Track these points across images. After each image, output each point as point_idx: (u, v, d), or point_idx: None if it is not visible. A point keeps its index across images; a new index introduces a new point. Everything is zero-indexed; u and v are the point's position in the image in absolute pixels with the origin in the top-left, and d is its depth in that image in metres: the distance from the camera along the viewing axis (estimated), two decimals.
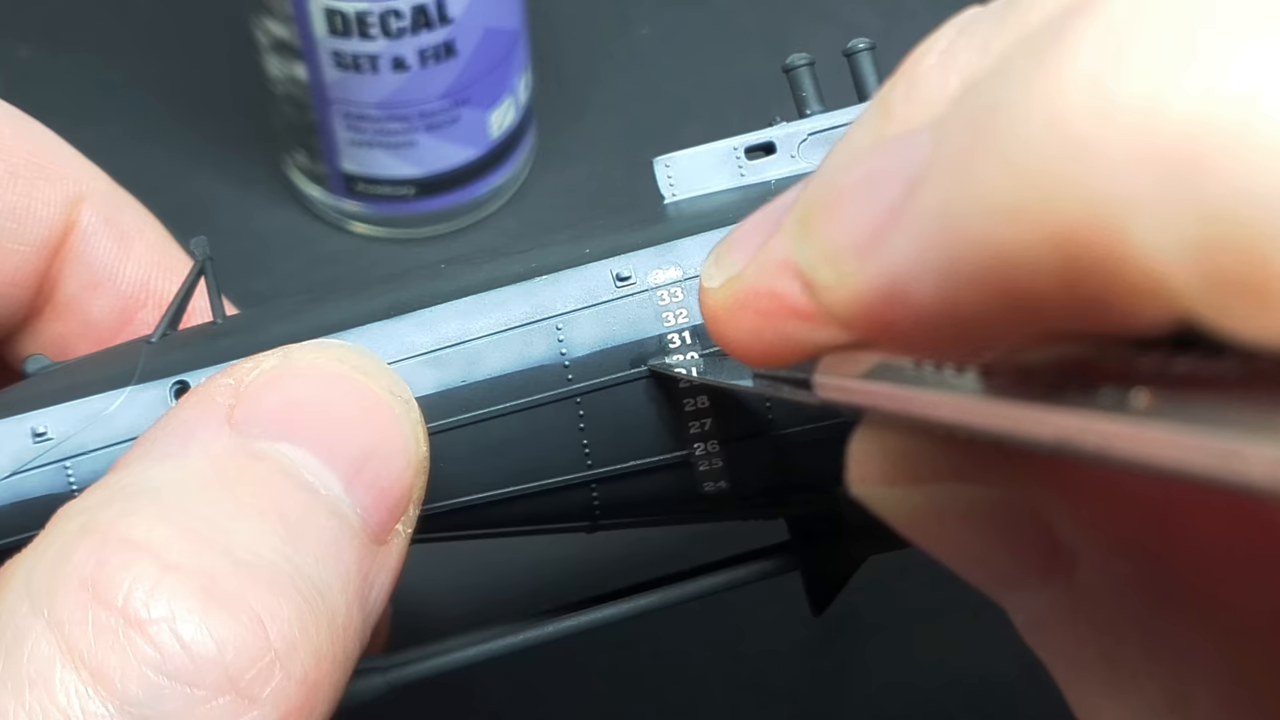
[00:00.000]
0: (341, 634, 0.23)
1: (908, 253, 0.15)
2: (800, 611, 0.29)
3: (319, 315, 0.27)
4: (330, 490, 0.24)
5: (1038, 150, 0.14)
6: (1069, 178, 0.13)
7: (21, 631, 0.21)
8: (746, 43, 0.59)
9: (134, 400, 0.26)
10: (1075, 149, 0.13)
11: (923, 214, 0.15)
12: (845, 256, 0.16)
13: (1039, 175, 0.14)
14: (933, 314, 0.15)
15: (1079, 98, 0.13)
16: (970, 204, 0.14)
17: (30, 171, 0.32)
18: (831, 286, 0.17)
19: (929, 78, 0.17)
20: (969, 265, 0.15)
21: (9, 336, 0.33)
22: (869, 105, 0.19)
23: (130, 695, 0.21)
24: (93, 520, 0.22)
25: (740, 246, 0.20)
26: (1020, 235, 0.14)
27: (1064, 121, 0.13)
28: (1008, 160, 0.14)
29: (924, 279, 0.15)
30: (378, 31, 0.48)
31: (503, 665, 0.28)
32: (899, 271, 0.16)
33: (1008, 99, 0.14)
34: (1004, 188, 0.14)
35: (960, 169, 0.15)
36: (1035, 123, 0.14)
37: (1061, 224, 0.13)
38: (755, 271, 0.19)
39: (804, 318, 0.18)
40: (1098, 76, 0.13)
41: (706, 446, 0.27)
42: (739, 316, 0.20)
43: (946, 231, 0.15)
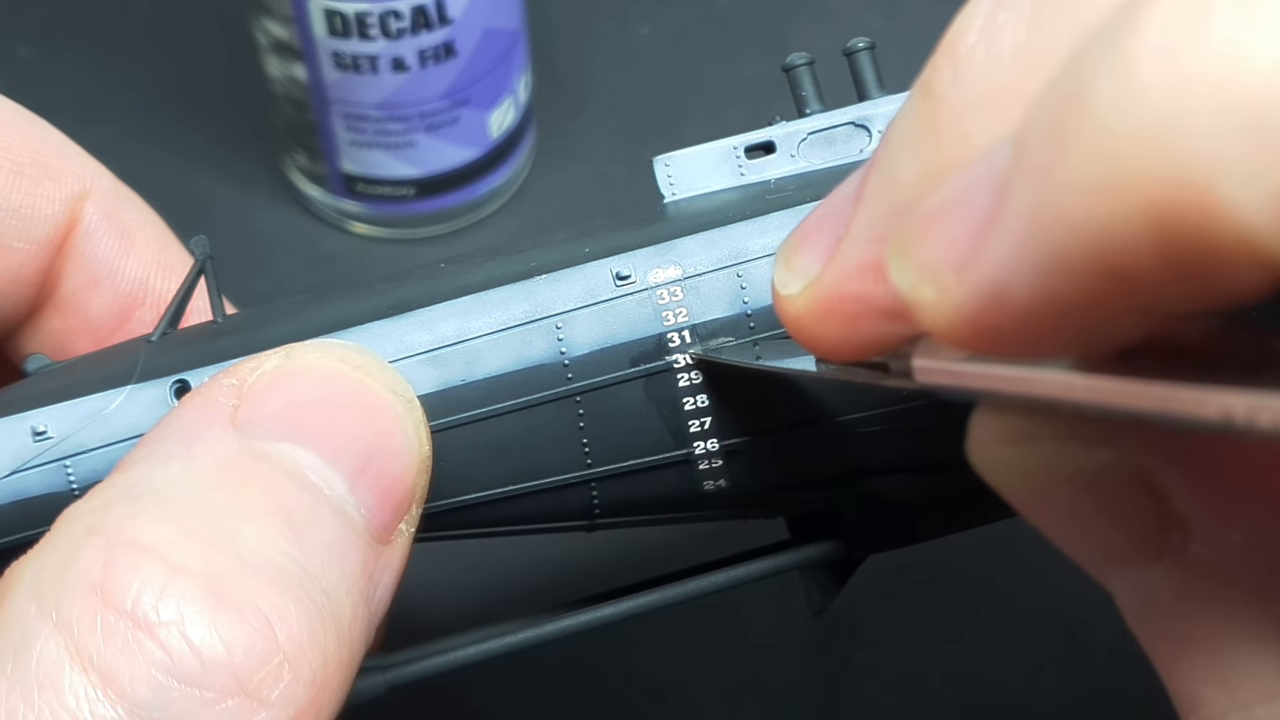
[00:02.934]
0: (348, 635, 0.23)
1: (1005, 256, 0.16)
2: (800, 611, 0.29)
3: (319, 315, 0.27)
4: (334, 490, 0.24)
5: (1122, 127, 0.14)
6: (1155, 148, 0.14)
7: (30, 634, 0.21)
8: (746, 43, 0.59)
9: (134, 399, 0.26)
10: (1159, 120, 0.14)
11: (1015, 214, 0.15)
12: (945, 273, 0.16)
13: (1125, 151, 0.14)
14: (1035, 312, 0.15)
15: (1157, 70, 0.14)
16: (1061, 191, 0.15)
17: (35, 169, 0.32)
18: (934, 303, 0.17)
19: (974, 56, 0.17)
20: (1066, 254, 0.15)
21: (11, 333, 0.33)
22: (914, 89, 0.18)
23: (139, 698, 0.21)
24: (99, 522, 0.22)
25: (808, 248, 0.20)
26: (1114, 212, 0.14)
27: (1145, 95, 0.14)
28: (1093, 142, 0.14)
29: (1024, 278, 0.15)
30: (377, 32, 0.48)
31: (502, 665, 0.28)
32: (998, 276, 0.16)
33: (1086, 84, 0.14)
34: (1092, 168, 0.14)
35: (1047, 160, 0.15)
36: (1116, 101, 0.14)
37: (1153, 194, 0.14)
38: (835, 276, 0.19)
39: (896, 317, 0.19)
40: (1173, 48, 0.13)
41: (706, 446, 0.27)
42: (825, 322, 0.20)
43: (1040, 224, 0.15)
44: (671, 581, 0.29)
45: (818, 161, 0.29)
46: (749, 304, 0.27)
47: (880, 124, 0.28)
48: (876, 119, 0.28)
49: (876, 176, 0.19)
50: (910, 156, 0.18)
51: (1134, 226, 0.14)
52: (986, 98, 0.17)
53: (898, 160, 0.18)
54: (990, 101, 0.17)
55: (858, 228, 0.19)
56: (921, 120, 0.18)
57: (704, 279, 0.27)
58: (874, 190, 0.19)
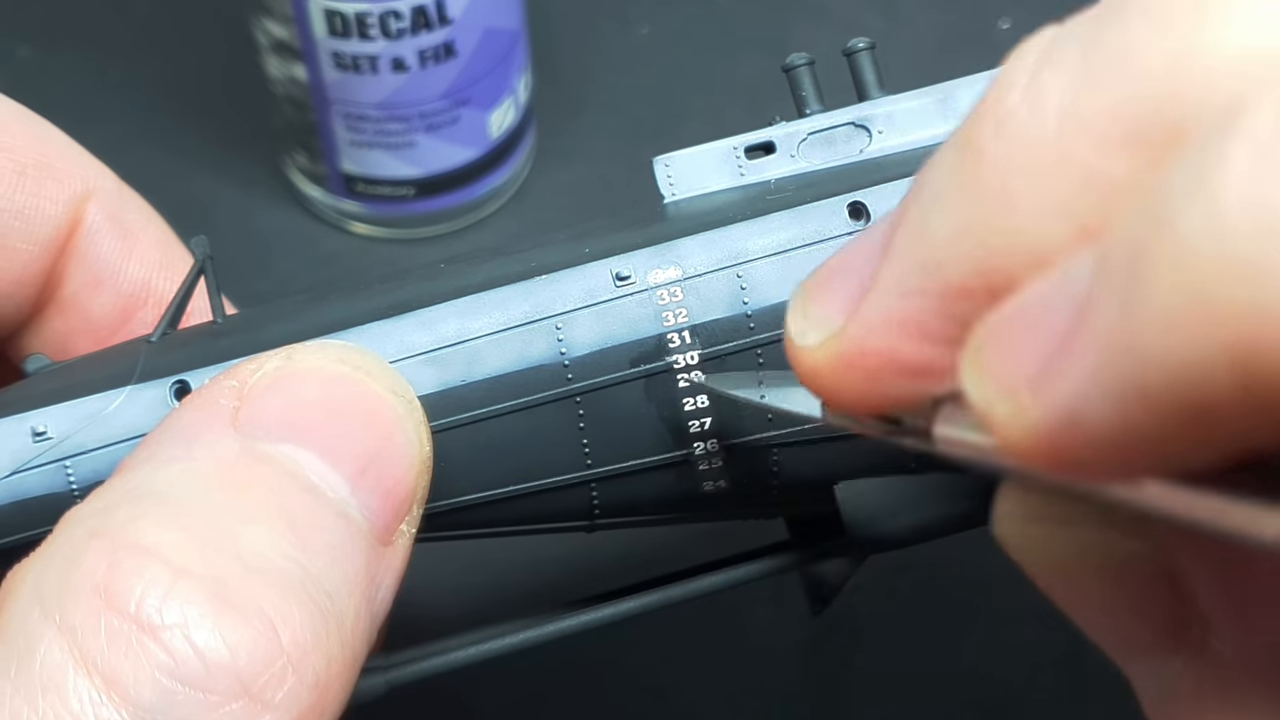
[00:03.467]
0: (350, 637, 0.23)
1: (1082, 381, 0.15)
2: (800, 611, 0.29)
3: (319, 315, 0.27)
4: (336, 492, 0.24)
5: (1206, 262, 0.14)
6: (1240, 284, 0.14)
7: (33, 637, 0.21)
8: (746, 43, 0.59)
9: (134, 399, 0.26)
10: (1243, 256, 0.13)
11: (1095, 340, 0.15)
12: (1021, 391, 0.16)
13: (1210, 286, 0.14)
14: (1112, 440, 0.15)
15: (1243, 206, 0.14)
16: (1143, 325, 0.14)
17: (38, 171, 0.32)
18: (1008, 420, 0.16)
19: (1018, 114, 0.17)
20: (1145, 386, 0.15)
21: (12, 334, 0.33)
22: (950, 144, 0.18)
23: (143, 701, 0.21)
24: (102, 525, 0.22)
25: (827, 297, 0.20)
26: (1195, 347, 0.14)
27: (1230, 229, 0.14)
28: (1177, 274, 0.14)
29: (1100, 406, 0.15)
30: (377, 32, 0.48)
31: (502, 665, 0.28)
32: (1074, 401, 0.15)
33: (1172, 214, 0.14)
34: (1175, 301, 0.14)
35: (1129, 291, 0.15)
36: (1201, 234, 0.14)
37: (1235, 330, 0.14)
38: (859, 330, 0.19)
39: (922, 376, 0.18)
40: (1257, 196, 0.13)
41: (706, 446, 0.27)
42: (845, 376, 0.19)
43: (1119, 354, 0.15)
44: (671, 581, 0.29)
45: (818, 161, 0.29)
46: (749, 304, 0.27)
47: (880, 124, 0.28)
48: (876, 119, 0.28)
49: (909, 229, 0.18)
50: (947, 212, 0.17)
51: (1215, 363, 0.14)
52: (1031, 159, 0.16)
53: (932, 214, 0.18)
54: (1035, 163, 0.16)
55: (886, 281, 0.18)
56: (961, 176, 0.17)
57: (704, 279, 0.27)
58: (906, 244, 0.18)
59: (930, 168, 0.18)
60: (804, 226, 0.27)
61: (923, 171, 0.18)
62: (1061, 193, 0.16)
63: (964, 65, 0.29)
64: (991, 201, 0.17)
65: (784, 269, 0.27)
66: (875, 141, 0.28)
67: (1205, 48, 0.15)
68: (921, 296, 0.18)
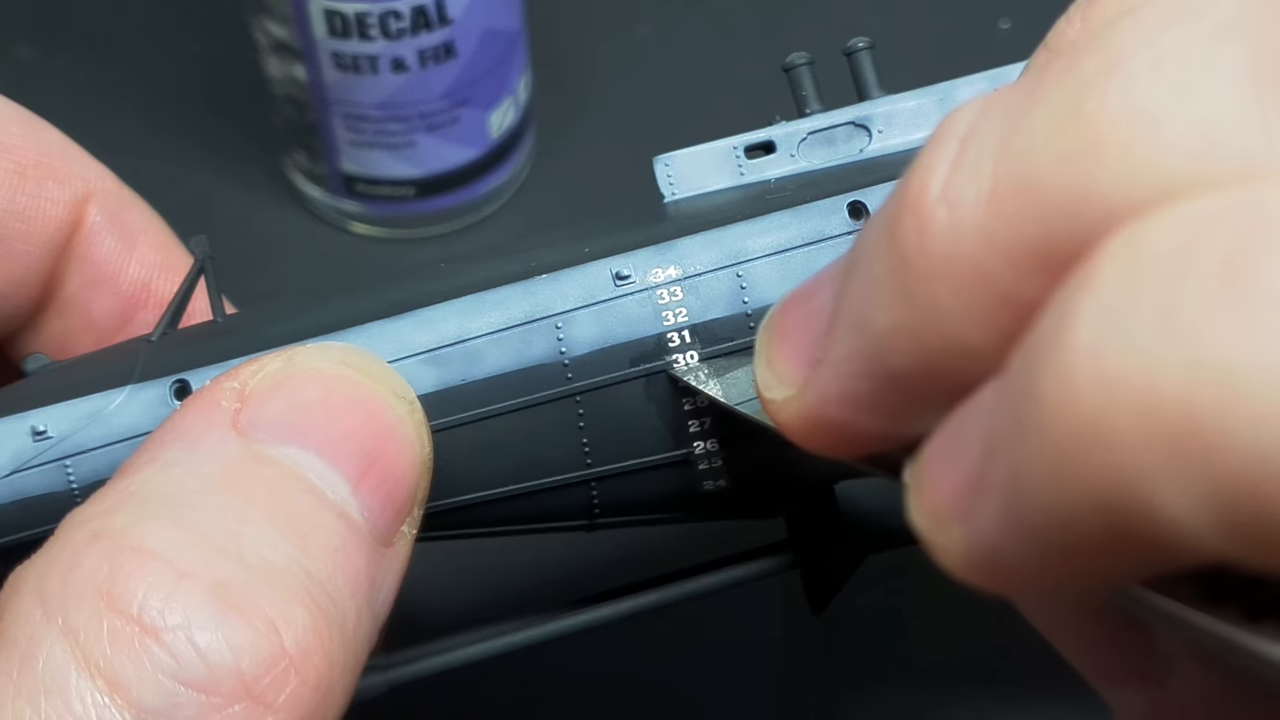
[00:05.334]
0: (352, 638, 0.23)
1: (993, 518, 0.16)
2: (800, 611, 0.29)
3: (319, 315, 0.27)
4: (337, 493, 0.24)
5: (1061, 428, 0.15)
6: (1092, 452, 0.14)
7: (35, 639, 0.21)
8: (746, 43, 0.59)
9: (134, 399, 0.26)
10: (1091, 426, 0.14)
11: (996, 483, 0.16)
12: (951, 525, 0.17)
13: (1068, 451, 0.15)
14: (1029, 568, 0.16)
15: (1086, 376, 0.14)
16: (1024, 475, 0.15)
17: (38, 171, 0.32)
18: (945, 550, 0.17)
19: (936, 221, 0.17)
20: (1039, 528, 0.15)
21: (13, 334, 0.33)
22: (878, 226, 0.18)
23: (146, 703, 0.21)
24: (103, 527, 0.22)
25: (788, 352, 0.20)
26: (1068, 502, 0.15)
27: (1077, 399, 0.14)
28: (1042, 438, 0.15)
29: (1010, 541, 0.16)
30: (377, 32, 0.48)
31: (502, 665, 0.28)
32: (990, 536, 0.16)
33: (1032, 380, 0.15)
34: (1044, 462, 0.15)
35: (1011, 445, 0.16)
36: (1055, 403, 0.15)
37: (1097, 493, 0.14)
38: (814, 400, 0.20)
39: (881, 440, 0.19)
40: (1098, 353, 0.14)
41: (706, 445, 0.27)
42: (812, 435, 0.20)
43: (1014, 501, 0.16)
44: (671, 581, 0.29)
45: (818, 161, 0.29)
46: (749, 304, 0.27)
47: (880, 124, 0.28)
48: (876, 119, 0.28)
49: (849, 314, 0.19)
50: (881, 307, 0.18)
51: (1089, 515, 0.15)
52: (951, 272, 0.17)
53: (869, 306, 0.18)
54: (955, 276, 0.17)
55: (833, 358, 0.19)
56: (890, 275, 0.18)
57: (704, 279, 0.27)
58: (847, 327, 0.19)
59: (863, 247, 0.19)
60: (804, 226, 0.27)
61: (857, 244, 0.19)
62: (983, 307, 0.17)
63: (964, 65, 0.29)
64: (919, 307, 0.17)
65: (784, 269, 0.27)
66: (875, 141, 0.28)
67: (1099, 185, 0.16)
68: (867, 379, 0.19)
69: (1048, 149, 0.16)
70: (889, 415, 0.19)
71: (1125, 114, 0.16)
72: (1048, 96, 0.16)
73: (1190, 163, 0.15)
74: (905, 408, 0.19)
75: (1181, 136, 0.15)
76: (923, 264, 0.17)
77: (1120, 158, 0.15)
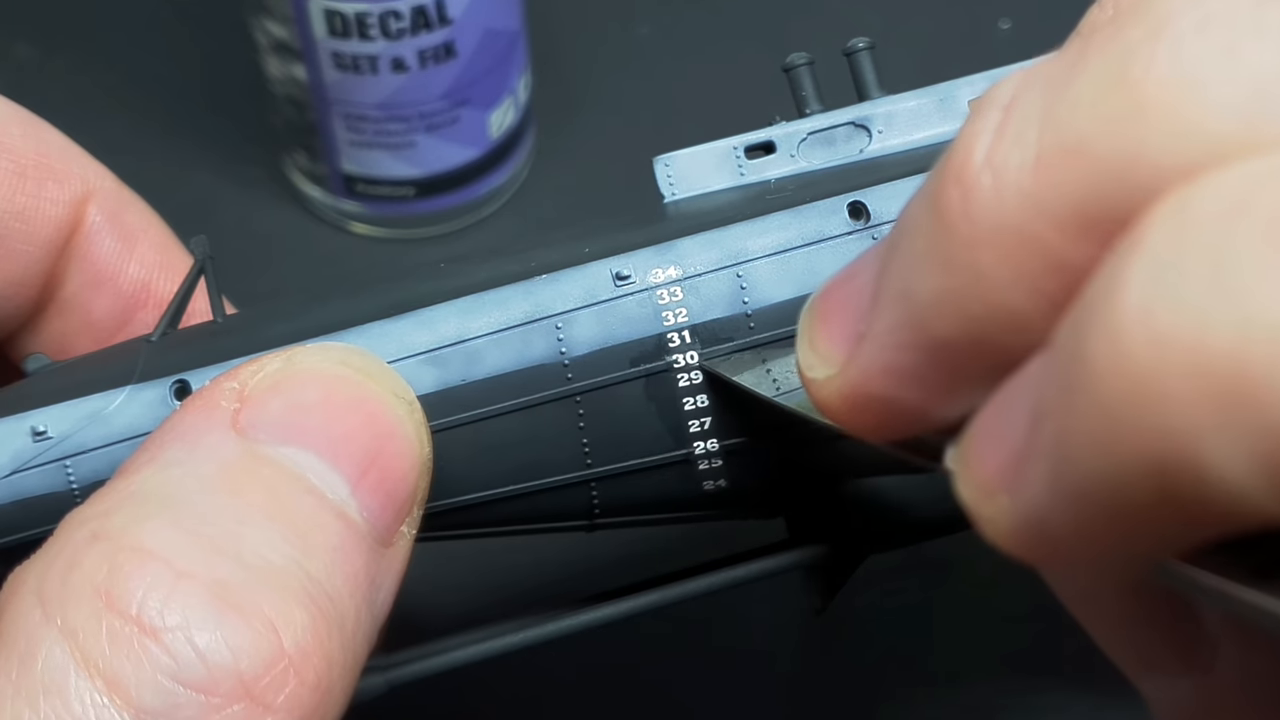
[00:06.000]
0: (351, 638, 0.23)
1: (1041, 487, 0.16)
2: (800, 611, 0.29)
3: (319, 315, 0.27)
4: (337, 494, 0.24)
5: (1112, 388, 0.15)
6: (1142, 412, 0.14)
7: (34, 640, 0.21)
8: (746, 43, 0.59)
9: (134, 399, 0.26)
10: (1142, 384, 0.14)
11: (1043, 451, 0.16)
12: (998, 495, 0.17)
13: (1119, 411, 0.15)
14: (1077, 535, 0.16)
15: (1136, 335, 0.14)
16: (1074, 439, 0.15)
17: (38, 171, 0.32)
18: (992, 521, 0.17)
19: (980, 187, 0.17)
20: (1089, 493, 0.15)
21: (12, 334, 0.33)
22: (921, 198, 0.18)
23: (145, 703, 0.21)
24: (102, 527, 0.22)
25: (830, 332, 0.20)
26: (1119, 464, 0.15)
27: (1128, 358, 0.14)
28: (1092, 399, 0.15)
29: (1059, 508, 0.16)
30: (377, 32, 0.48)
31: (502, 665, 0.28)
32: (1038, 503, 0.16)
33: (1082, 342, 0.15)
34: (1094, 424, 0.15)
35: (1062, 407, 0.16)
36: (1105, 363, 0.15)
37: (1147, 452, 0.14)
38: (858, 376, 0.20)
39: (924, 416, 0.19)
40: (1148, 313, 0.14)
41: (706, 445, 0.27)
42: (853, 413, 0.20)
43: (1063, 466, 0.16)
44: (671, 581, 0.29)
45: (818, 161, 0.29)
46: (749, 304, 0.27)
47: (880, 124, 0.28)
48: (876, 119, 0.28)
49: (893, 285, 0.19)
50: (925, 275, 0.18)
51: (1139, 478, 0.15)
52: (996, 237, 0.17)
53: (913, 275, 0.18)
54: (1000, 241, 0.17)
55: (877, 331, 0.19)
56: (934, 243, 0.18)
57: (704, 279, 0.27)
58: (890, 298, 0.19)
59: (907, 220, 0.19)
60: (804, 226, 0.27)
61: (900, 218, 0.19)
62: (1029, 272, 0.17)
63: (964, 65, 0.29)
64: (965, 274, 0.17)
65: (784, 269, 0.27)
66: (875, 141, 0.28)
67: (1147, 148, 0.16)
68: (911, 350, 0.19)
69: (1094, 113, 0.16)
70: (933, 388, 0.19)
71: (1172, 76, 0.15)
72: (1092, 64, 0.16)
73: (1239, 124, 0.15)
74: (949, 380, 0.19)
75: (1230, 97, 0.15)
76: (967, 230, 0.17)
77: (1168, 120, 0.15)
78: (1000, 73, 0.28)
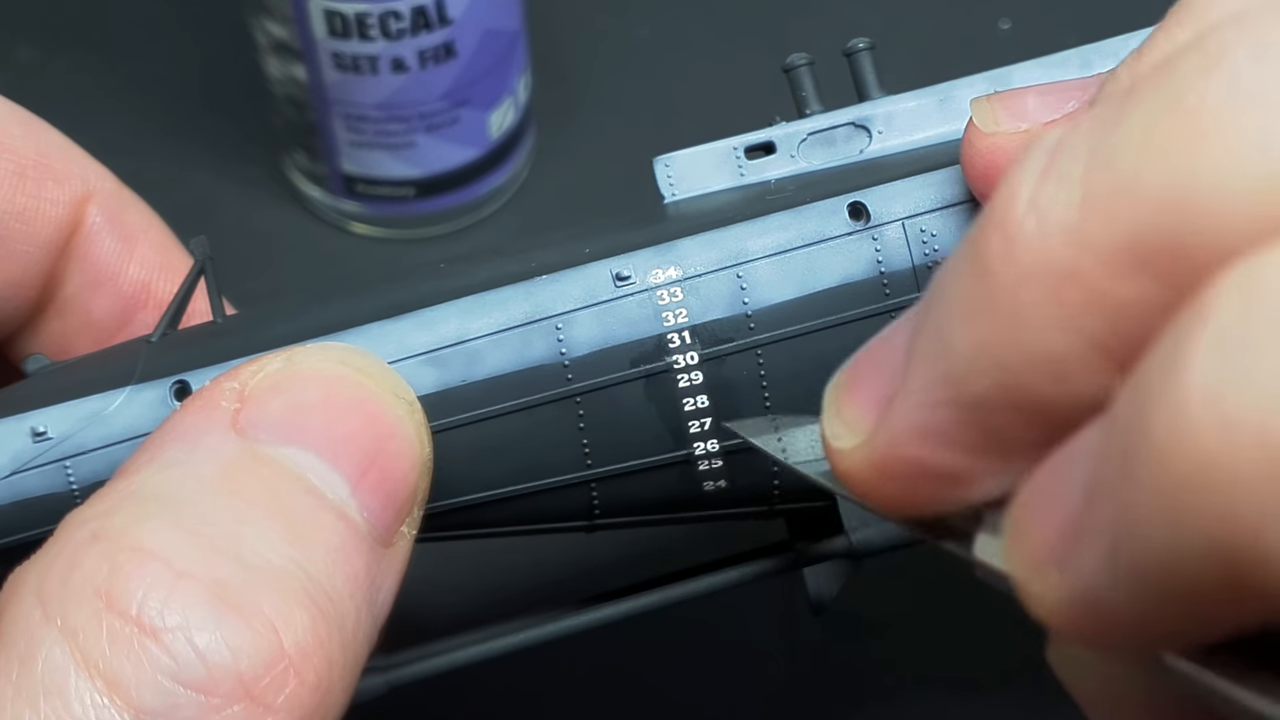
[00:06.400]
0: (352, 639, 0.23)
1: (1096, 563, 0.16)
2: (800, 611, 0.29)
3: (319, 315, 0.27)
4: (337, 494, 0.24)
5: (1177, 466, 0.14)
6: (1209, 491, 0.14)
7: (35, 640, 0.21)
8: (746, 43, 0.59)
9: (133, 400, 0.26)
10: (1209, 464, 0.14)
11: (1101, 525, 0.16)
12: (1048, 568, 0.17)
13: (1183, 488, 0.14)
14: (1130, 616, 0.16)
15: (1203, 416, 0.14)
16: (1136, 518, 0.15)
17: (38, 172, 0.32)
18: (1040, 596, 0.17)
19: (1024, 231, 0.17)
20: (1146, 570, 0.15)
21: (12, 335, 0.33)
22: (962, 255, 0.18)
23: (145, 704, 0.21)
24: (103, 528, 0.22)
25: (859, 399, 0.20)
26: (1180, 542, 0.14)
27: (1194, 437, 0.14)
28: (1155, 475, 0.14)
29: (1113, 586, 0.16)
30: (377, 33, 0.48)
31: (502, 665, 0.28)
32: (1092, 580, 0.16)
33: (1144, 417, 0.15)
34: (1157, 500, 0.14)
35: (1122, 482, 0.15)
36: (1170, 440, 0.14)
37: (1213, 539, 0.14)
38: (888, 439, 0.19)
39: (954, 484, 0.18)
40: (1216, 393, 0.14)
41: (706, 446, 0.27)
42: (879, 482, 0.19)
43: (1120, 541, 0.15)
44: (671, 581, 0.29)
45: (818, 162, 0.29)
46: (749, 304, 0.27)
47: (880, 124, 0.28)
48: (876, 119, 0.28)
49: (928, 339, 0.18)
50: (963, 326, 0.17)
51: (1203, 562, 0.14)
52: (1039, 277, 0.16)
53: (949, 327, 0.18)
54: (1044, 284, 0.16)
55: (910, 389, 0.19)
56: (974, 291, 0.17)
57: (704, 279, 0.27)
58: (926, 355, 0.18)
59: (944, 276, 0.18)
60: (804, 227, 0.27)
61: (938, 276, 0.18)
62: (1073, 312, 0.16)
63: (964, 65, 0.29)
64: (1005, 320, 0.17)
65: (784, 269, 0.27)
66: (875, 141, 0.28)
67: (1202, 178, 0.15)
68: (946, 408, 0.18)
69: (1145, 143, 0.16)
70: (966, 453, 0.18)
71: (1230, 103, 0.15)
72: (1143, 99, 0.16)
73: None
74: (983, 445, 0.18)
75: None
76: (1008, 272, 0.17)
77: (1225, 148, 0.15)
78: (1000, 73, 0.28)
